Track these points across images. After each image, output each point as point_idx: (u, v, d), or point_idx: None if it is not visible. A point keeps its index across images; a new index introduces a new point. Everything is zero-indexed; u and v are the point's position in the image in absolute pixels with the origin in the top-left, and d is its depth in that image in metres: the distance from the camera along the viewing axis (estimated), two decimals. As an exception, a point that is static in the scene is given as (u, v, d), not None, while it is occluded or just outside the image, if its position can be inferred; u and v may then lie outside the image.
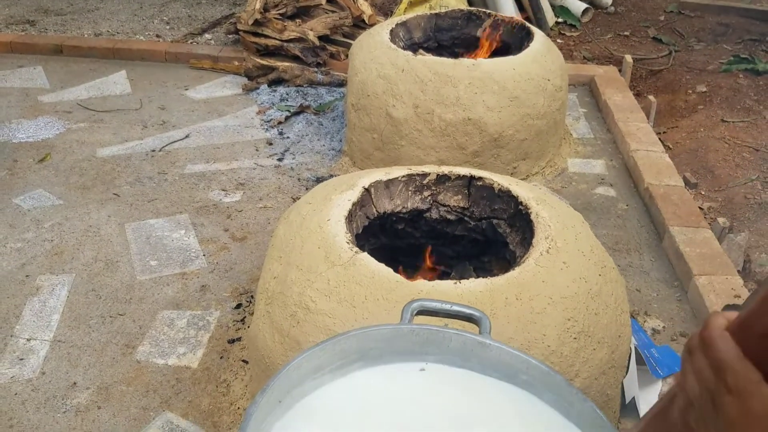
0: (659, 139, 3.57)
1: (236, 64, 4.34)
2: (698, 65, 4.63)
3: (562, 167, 3.39)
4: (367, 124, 3.17)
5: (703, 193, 3.38)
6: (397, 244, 2.25)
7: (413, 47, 3.40)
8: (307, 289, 1.77)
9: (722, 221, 2.95)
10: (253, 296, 2.53)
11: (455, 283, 1.72)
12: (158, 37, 4.86)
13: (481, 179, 2.14)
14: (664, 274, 2.73)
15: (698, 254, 2.68)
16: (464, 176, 2.15)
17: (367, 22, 4.40)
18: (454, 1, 4.46)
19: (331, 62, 4.30)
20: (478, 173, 2.16)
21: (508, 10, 4.77)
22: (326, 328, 1.71)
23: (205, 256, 2.76)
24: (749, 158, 3.60)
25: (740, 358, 0.56)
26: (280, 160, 3.46)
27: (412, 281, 1.75)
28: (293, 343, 1.78)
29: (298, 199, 2.63)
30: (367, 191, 2.06)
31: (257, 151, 3.53)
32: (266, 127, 3.76)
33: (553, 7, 5.36)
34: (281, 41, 4.23)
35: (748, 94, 4.19)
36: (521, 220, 2.02)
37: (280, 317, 1.82)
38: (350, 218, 1.95)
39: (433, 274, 2.19)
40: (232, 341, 2.33)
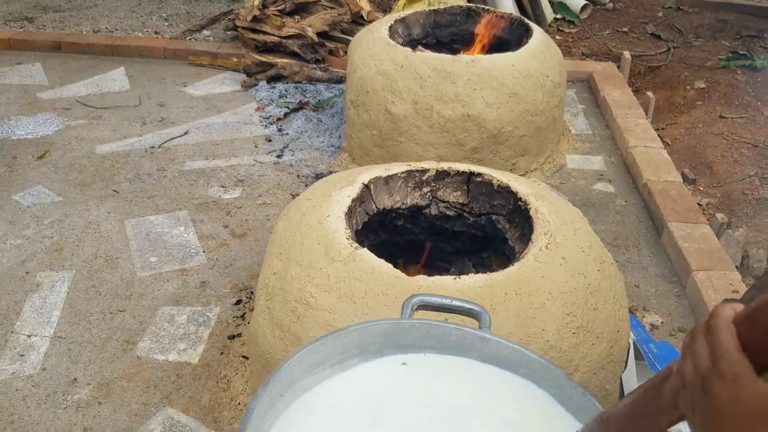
0: (658, 135, 3.58)
1: (235, 60, 4.34)
2: (696, 61, 4.64)
3: (560, 163, 3.40)
4: (366, 120, 3.17)
5: (701, 189, 3.39)
6: (396, 240, 2.26)
7: (412, 44, 3.40)
8: (307, 284, 1.77)
9: (720, 217, 2.95)
10: (252, 292, 2.53)
11: (455, 278, 1.73)
12: (157, 33, 4.85)
13: (480, 175, 2.14)
14: (662, 269, 2.74)
15: (696, 250, 2.69)
16: (463, 172, 2.16)
17: (365, 18, 4.40)
18: (452, -3, 4.45)
19: (329, 59, 4.30)
20: (477, 169, 2.16)
21: (506, 6, 4.78)
22: (326, 323, 1.71)
23: (204, 252, 2.77)
24: (747, 154, 3.61)
25: (738, 348, 0.57)
26: (279, 156, 3.46)
27: (411, 277, 1.75)
28: (293, 338, 1.78)
29: (297, 195, 2.63)
30: (366, 187, 2.07)
31: (256, 147, 3.54)
32: (265, 123, 3.76)
33: (551, 3, 5.36)
34: (280, 38, 4.23)
35: (746, 90, 4.19)
36: (520, 215, 2.02)
37: (280, 313, 1.83)
38: (350, 214, 1.96)
39: (432, 270, 2.19)
40: (232, 337, 2.34)
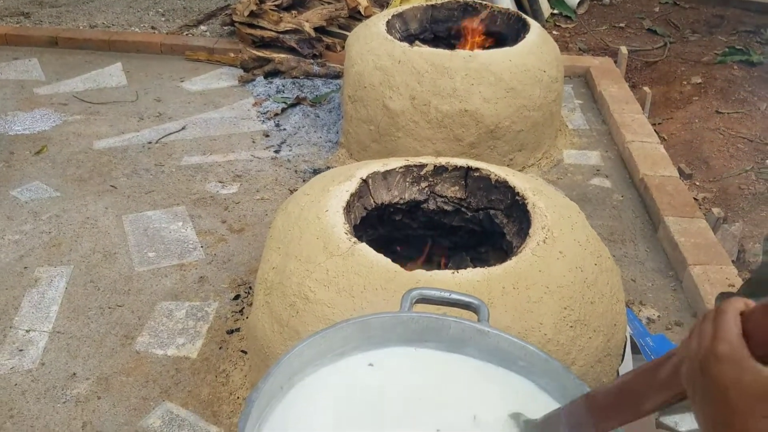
0: (654, 130, 3.59)
1: (232, 55, 4.34)
2: (693, 57, 4.65)
3: (557, 158, 3.41)
4: (363, 115, 3.17)
5: (697, 183, 3.40)
6: (394, 235, 2.27)
7: (409, 38, 3.40)
8: (306, 279, 1.78)
9: (717, 211, 2.97)
10: (251, 287, 2.54)
11: (453, 272, 1.74)
12: (153, 28, 4.85)
13: (478, 170, 2.15)
14: (658, 264, 2.76)
15: (693, 244, 2.70)
16: (461, 167, 2.16)
17: (363, 13, 4.40)
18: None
19: (327, 54, 4.30)
20: (475, 164, 2.17)
21: (503, 1, 4.77)
22: (325, 317, 1.72)
23: (203, 247, 2.77)
24: (744, 149, 3.62)
25: (739, 336, 0.62)
26: (276, 152, 3.46)
27: (410, 271, 1.76)
28: (292, 332, 1.79)
29: (295, 191, 2.63)
30: (364, 182, 2.07)
31: (254, 142, 3.54)
32: (263, 118, 3.76)
33: (548, -2, 5.36)
34: (277, 33, 4.23)
35: (742, 85, 4.21)
36: (518, 210, 2.03)
37: (279, 307, 1.83)
38: (348, 209, 1.96)
39: (430, 265, 2.20)
40: (230, 332, 2.35)
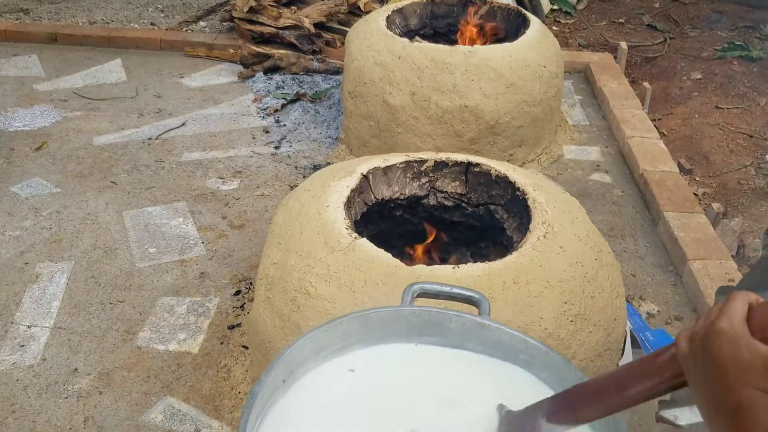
0: (654, 125, 3.59)
1: (231, 51, 4.34)
2: (693, 52, 4.65)
3: (557, 154, 3.41)
4: (363, 111, 3.17)
5: (697, 179, 3.41)
6: (395, 230, 2.27)
7: (409, 34, 3.40)
8: (307, 274, 1.79)
9: (716, 207, 2.98)
10: (252, 283, 2.54)
11: (453, 267, 1.74)
12: (153, 25, 4.84)
13: (478, 165, 2.16)
14: (658, 259, 2.76)
15: (693, 239, 2.71)
16: (462, 163, 2.17)
17: (362, 9, 4.39)
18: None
19: (326, 50, 4.30)
20: (475, 159, 2.17)
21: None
22: (326, 312, 1.73)
23: (203, 243, 2.77)
24: (743, 144, 3.63)
25: (743, 318, 0.64)
26: (276, 148, 3.46)
27: (410, 266, 1.76)
28: (293, 327, 1.80)
29: (295, 186, 2.64)
30: (365, 178, 2.08)
31: (254, 139, 3.54)
32: (262, 115, 3.76)
33: (548, -6, 5.36)
34: (276, 29, 4.22)
35: (742, 80, 4.21)
36: (518, 205, 2.03)
37: (280, 302, 1.84)
38: (349, 204, 1.97)
39: (431, 260, 2.20)
40: (231, 327, 2.35)
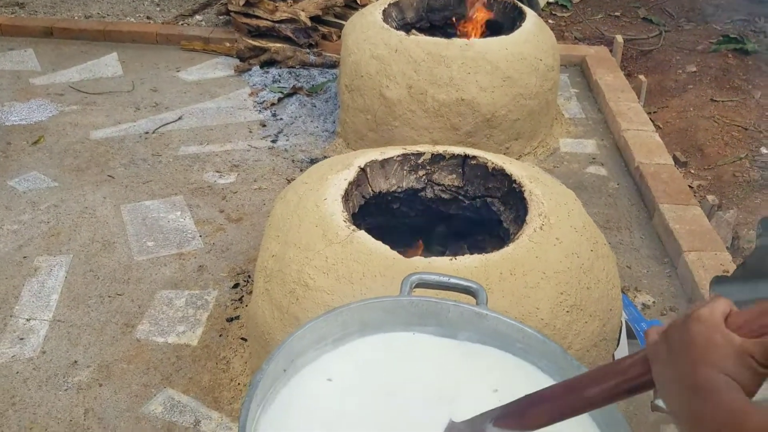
0: (649, 118, 3.61)
1: (228, 45, 4.34)
2: (688, 45, 4.66)
3: (553, 147, 3.43)
4: (360, 105, 3.18)
5: (692, 171, 3.43)
6: (392, 223, 2.28)
7: (406, 27, 3.41)
8: (305, 266, 1.80)
9: (711, 199, 3.00)
10: (250, 276, 2.56)
11: (451, 259, 1.76)
12: (149, 18, 4.83)
13: (475, 158, 2.17)
14: (654, 250, 2.78)
15: (688, 231, 2.73)
16: (458, 155, 2.18)
17: (358, 2, 4.39)
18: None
19: (323, 43, 4.30)
20: (472, 152, 2.19)
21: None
22: (325, 304, 1.74)
23: (201, 236, 2.78)
24: (738, 137, 3.64)
25: (723, 312, 0.66)
26: (273, 141, 3.47)
27: (408, 258, 1.78)
28: (292, 319, 1.81)
29: (292, 180, 2.65)
30: (362, 171, 2.09)
31: (251, 132, 3.55)
32: (259, 108, 3.76)
33: (544, -13, 5.36)
34: (273, 22, 4.22)
35: (737, 73, 4.22)
36: (515, 197, 2.05)
37: (279, 294, 1.85)
38: (346, 197, 1.98)
39: (428, 252, 2.22)
40: (230, 320, 2.37)
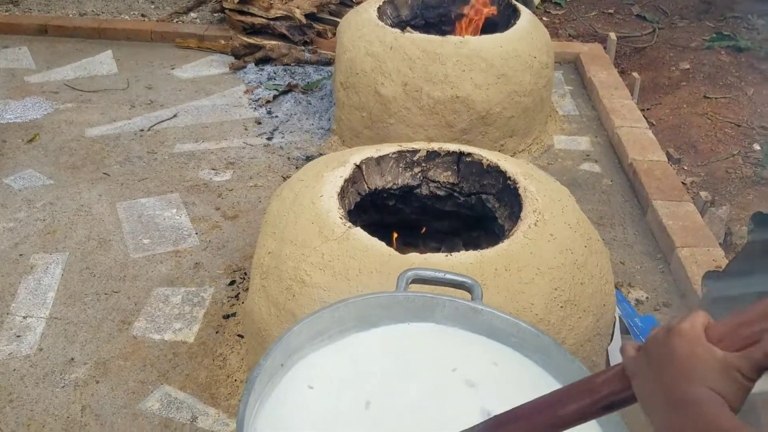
0: (643, 115, 3.63)
1: (222, 42, 4.34)
2: (681, 42, 4.68)
3: (548, 144, 3.44)
4: (355, 102, 3.19)
5: (685, 168, 3.45)
6: (388, 220, 2.30)
7: (401, 25, 3.41)
8: (301, 263, 1.81)
9: (704, 195, 3.02)
10: (246, 273, 2.57)
11: (446, 255, 1.77)
12: (143, 16, 4.83)
13: (470, 155, 2.18)
14: (647, 247, 2.80)
15: (681, 227, 2.75)
16: (453, 152, 2.19)
17: None
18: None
19: (318, 41, 4.30)
20: (467, 149, 2.20)
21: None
22: (321, 300, 1.75)
23: (197, 234, 2.79)
24: (731, 134, 3.67)
25: (703, 324, 0.67)
26: (269, 139, 3.48)
27: (404, 254, 1.79)
28: (289, 315, 1.82)
29: (288, 177, 2.65)
30: (358, 168, 2.10)
31: (246, 130, 3.55)
32: (254, 106, 3.77)
33: (538, -16, 5.37)
34: (267, 19, 4.23)
35: (730, 70, 4.25)
36: (509, 194, 2.06)
37: (275, 291, 1.86)
38: (342, 194, 1.99)
39: (423, 249, 2.23)
40: (227, 316, 2.37)
